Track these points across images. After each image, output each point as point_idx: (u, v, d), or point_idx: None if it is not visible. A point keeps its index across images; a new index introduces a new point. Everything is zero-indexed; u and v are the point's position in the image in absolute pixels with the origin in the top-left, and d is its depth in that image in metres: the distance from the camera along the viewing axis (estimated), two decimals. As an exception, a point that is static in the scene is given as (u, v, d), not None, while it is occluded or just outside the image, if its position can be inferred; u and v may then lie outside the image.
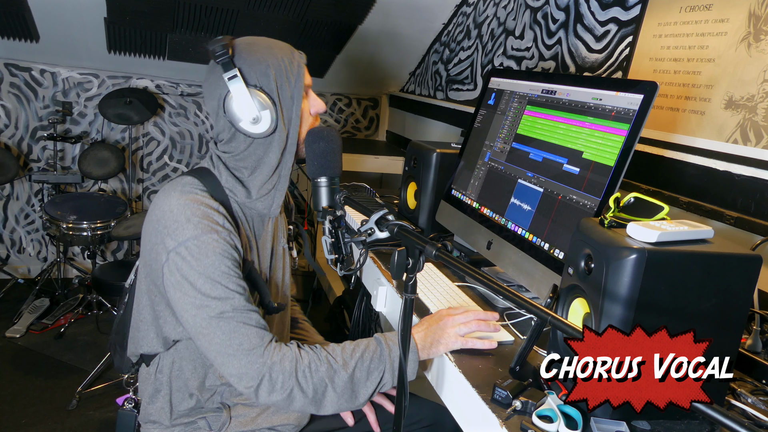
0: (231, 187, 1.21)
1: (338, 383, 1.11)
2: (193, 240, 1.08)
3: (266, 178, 1.22)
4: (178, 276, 1.08)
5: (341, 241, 1.10)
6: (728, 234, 1.40)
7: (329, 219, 1.11)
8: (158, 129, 3.79)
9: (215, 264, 1.08)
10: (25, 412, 2.47)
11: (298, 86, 1.20)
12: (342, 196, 1.13)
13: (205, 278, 1.07)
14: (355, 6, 3.04)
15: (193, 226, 1.08)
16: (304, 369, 1.10)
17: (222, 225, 1.12)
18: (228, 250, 1.11)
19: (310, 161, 1.15)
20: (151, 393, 1.27)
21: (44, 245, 3.76)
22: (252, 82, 1.15)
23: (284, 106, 1.19)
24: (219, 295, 1.07)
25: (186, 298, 1.08)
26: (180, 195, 1.12)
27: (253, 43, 1.20)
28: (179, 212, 1.09)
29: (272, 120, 1.16)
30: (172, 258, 1.08)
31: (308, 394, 1.09)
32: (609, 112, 1.19)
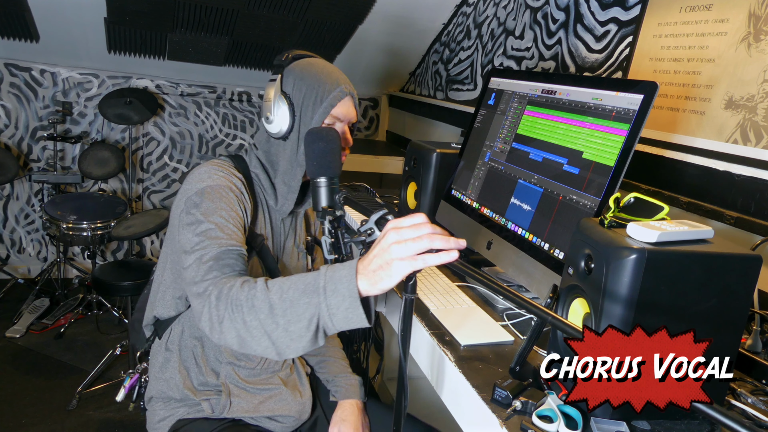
0: (258, 172, 1.33)
1: (258, 307, 0.97)
2: (208, 188, 1.19)
3: (283, 180, 1.31)
4: (185, 219, 1.16)
5: (341, 241, 1.10)
6: (728, 234, 1.40)
7: (329, 219, 1.11)
8: (158, 129, 3.79)
9: (216, 209, 1.17)
10: (25, 412, 2.47)
11: (324, 111, 1.27)
12: (341, 196, 1.13)
13: (202, 217, 1.15)
14: (355, 6, 3.04)
15: (212, 180, 1.21)
16: (232, 298, 1.00)
17: (238, 188, 1.24)
18: (235, 206, 1.21)
19: (309, 161, 1.16)
20: (161, 363, 1.33)
21: (44, 245, 3.77)
22: (285, 89, 1.28)
23: (303, 121, 1.27)
24: (208, 236, 1.13)
25: (187, 239, 1.14)
26: (209, 164, 1.27)
27: (312, 64, 1.33)
28: (204, 172, 1.23)
29: (285, 126, 1.27)
30: (187, 204, 1.18)
31: (238, 321, 0.98)
32: (609, 112, 1.19)
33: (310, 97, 1.27)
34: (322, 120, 1.27)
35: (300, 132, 1.28)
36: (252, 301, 0.98)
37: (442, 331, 1.21)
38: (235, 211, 1.20)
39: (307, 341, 0.96)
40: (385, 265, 0.89)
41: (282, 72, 1.30)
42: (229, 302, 1.00)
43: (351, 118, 1.32)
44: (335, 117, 1.29)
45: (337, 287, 0.92)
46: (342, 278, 0.92)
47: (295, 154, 1.29)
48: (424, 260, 0.88)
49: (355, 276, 0.92)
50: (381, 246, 0.90)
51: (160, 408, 1.33)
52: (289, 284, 0.98)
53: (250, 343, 0.99)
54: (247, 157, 1.37)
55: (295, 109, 1.27)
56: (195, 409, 1.30)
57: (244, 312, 0.98)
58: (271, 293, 0.97)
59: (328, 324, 0.94)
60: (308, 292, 0.94)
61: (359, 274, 0.92)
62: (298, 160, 1.29)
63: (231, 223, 1.17)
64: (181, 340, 1.32)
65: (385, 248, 0.89)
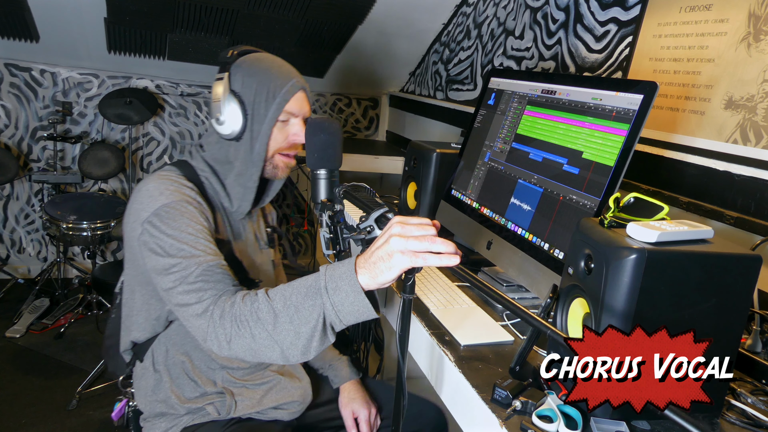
0: (207, 175, 1.27)
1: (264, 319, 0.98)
2: (164, 207, 1.13)
3: (236, 182, 1.27)
4: (150, 243, 1.11)
5: (339, 236, 1.10)
6: (728, 234, 1.40)
7: (328, 214, 1.11)
8: (158, 129, 3.79)
9: (182, 227, 1.12)
10: (25, 412, 2.47)
11: (277, 107, 1.23)
12: (341, 190, 1.13)
13: (172, 240, 1.10)
14: (355, 6, 3.04)
15: (164, 197, 1.15)
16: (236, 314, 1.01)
17: (194, 198, 1.19)
18: (198, 217, 1.16)
19: (310, 152, 1.15)
20: (152, 386, 1.29)
21: (44, 245, 3.76)
22: (234, 88, 1.23)
23: (256, 120, 1.23)
24: (184, 255, 1.09)
25: (156, 263, 1.11)
26: (156, 178, 1.20)
27: (260, 59, 1.27)
28: (154, 189, 1.16)
29: (237, 126, 1.22)
30: (146, 228, 1.12)
31: (246, 336, 0.99)
32: (609, 112, 1.19)
33: (262, 94, 1.22)
34: (276, 117, 1.23)
35: (253, 131, 1.23)
36: (257, 314, 0.99)
37: (442, 331, 1.21)
38: (200, 223, 1.15)
39: (317, 341, 0.97)
40: (386, 256, 0.89)
41: (229, 70, 1.24)
42: (234, 319, 1.00)
43: (305, 112, 1.29)
44: (289, 113, 1.25)
45: (339, 284, 0.93)
46: (342, 275, 0.93)
47: (250, 154, 1.25)
48: (425, 258, 0.88)
49: (355, 271, 0.92)
50: (384, 238, 0.91)
51: (160, 422, 1.30)
52: (290, 290, 0.98)
53: (262, 354, 1.01)
54: (193, 161, 1.30)
55: (246, 108, 1.22)
56: (199, 414, 1.29)
57: (251, 326, 0.99)
58: (274, 302, 0.98)
59: (335, 320, 0.95)
60: (311, 295, 0.95)
61: (359, 268, 0.93)
62: (253, 160, 1.25)
63: (201, 237, 1.13)
64: (168, 359, 1.28)
65: (387, 240, 0.90)
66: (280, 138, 1.27)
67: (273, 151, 1.27)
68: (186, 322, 1.08)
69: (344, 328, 0.98)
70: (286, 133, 1.27)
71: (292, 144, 1.29)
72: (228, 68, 1.24)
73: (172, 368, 1.29)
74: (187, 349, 1.28)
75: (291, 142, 1.28)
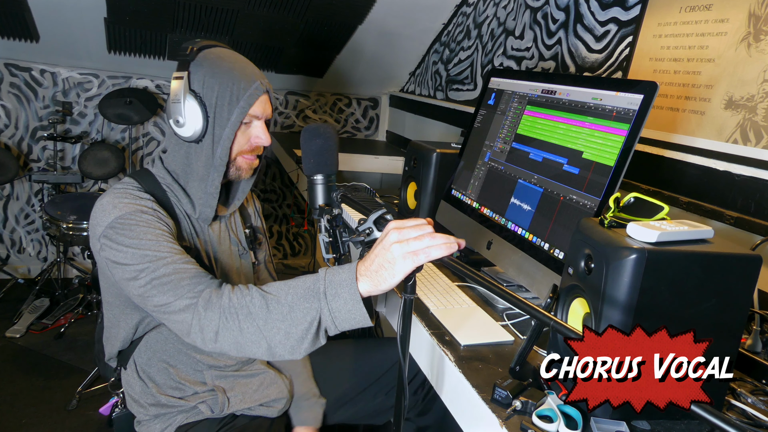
0: (169, 184, 1.24)
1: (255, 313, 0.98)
2: (117, 220, 1.11)
3: (198, 187, 1.23)
4: (112, 256, 1.10)
5: (339, 240, 1.10)
6: (728, 234, 1.40)
7: (326, 218, 1.11)
8: (158, 129, 3.79)
9: (140, 235, 1.10)
10: (25, 412, 2.47)
11: (241, 111, 1.19)
12: (339, 194, 1.13)
13: (133, 250, 1.08)
14: (355, 6, 3.04)
15: (117, 210, 1.13)
16: (224, 306, 1.00)
17: (150, 207, 1.16)
18: (155, 222, 1.13)
19: (306, 158, 1.15)
20: (140, 392, 1.29)
21: (44, 245, 3.76)
22: (194, 88, 1.18)
23: (217, 123, 1.19)
24: (150, 259, 1.07)
25: (123, 274, 1.09)
26: (110, 192, 1.19)
27: (222, 57, 1.22)
28: (107, 203, 1.15)
29: (197, 129, 1.18)
30: (103, 243, 1.11)
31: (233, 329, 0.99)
32: (609, 112, 1.19)
33: (224, 97, 1.18)
34: (240, 120, 1.20)
35: (215, 134, 1.19)
36: (248, 307, 0.97)
37: (442, 331, 1.21)
38: (158, 228, 1.12)
39: (309, 342, 0.97)
40: (387, 264, 0.89)
41: (188, 68, 1.19)
42: (222, 311, 0.99)
43: (267, 115, 1.26)
44: (253, 116, 1.22)
45: (338, 291, 0.93)
46: (342, 282, 0.93)
47: (211, 157, 1.21)
48: (427, 254, 0.88)
49: (356, 278, 0.92)
50: (383, 245, 0.91)
51: (155, 423, 1.29)
52: (287, 289, 0.98)
53: (248, 349, 0.99)
54: (153, 168, 1.27)
55: (208, 110, 1.18)
56: (193, 413, 1.28)
57: (240, 319, 0.97)
58: (268, 299, 0.97)
59: (330, 326, 0.95)
60: (308, 297, 0.95)
61: (360, 276, 0.92)
62: (214, 163, 1.21)
63: (163, 240, 1.10)
64: (151, 367, 1.27)
65: (387, 247, 0.90)
66: (243, 141, 1.24)
67: (235, 153, 1.24)
68: (167, 321, 1.07)
69: (338, 333, 0.97)
70: (248, 136, 1.24)
71: (254, 147, 1.26)
72: (187, 66, 1.19)
73: (156, 375, 1.28)
74: (168, 356, 1.27)
75: (253, 144, 1.26)
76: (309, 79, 3.84)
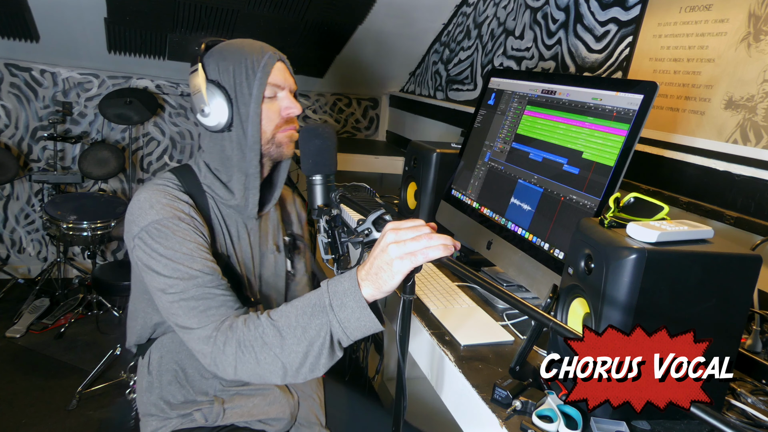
0: (210, 183, 1.22)
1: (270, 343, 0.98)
2: (154, 224, 1.10)
3: (239, 177, 1.21)
4: (144, 260, 1.10)
5: (338, 240, 1.10)
6: (728, 234, 1.40)
7: (325, 218, 1.10)
8: (158, 129, 3.79)
9: (176, 246, 1.09)
10: (25, 412, 2.47)
11: (260, 83, 1.16)
12: (338, 194, 1.12)
13: (166, 260, 1.08)
14: (355, 6, 3.04)
15: (155, 211, 1.11)
16: (240, 340, 1.01)
17: (187, 213, 1.15)
18: (191, 234, 1.12)
19: (304, 159, 1.14)
20: (145, 387, 1.30)
21: (44, 245, 3.76)
22: (212, 77, 1.18)
23: (241, 102, 1.17)
24: (181, 275, 1.07)
25: (153, 281, 1.09)
26: (150, 187, 1.16)
27: (229, 43, 1.22)
28: (145, 201, 1.13)
29: (224, 114, 1.17)
30: (137, 243, 1.11)
31: (250, 362, 1.00)
32: (609, 112, 1.19)
33: (241, 74, 1.16)
34: (262, 92, 1.17)
35: (241, 114, 1.17)
36: (262, 338, 0.99)
37: (442, 331, 1.21)
38: (194, 240, 1.11)
39: (326, 358, 0.98)
40: (386, 265, 0.90)
41: (201, 61, 1.19)
42: (238, 344, 1.00)
43: (291, 84, 1.22)
44: (275, 86, 1.19)
45: (344, 301, 0.93)
46: (346, 291, 0.93)
47: (244, 139, 1.18)
48: (424, 254, 0.88)
49: (358, 285, 0.93)
50: (380, 247, 0.91)
51: (152, 420, 1.30)
52: (294, 311, 0.98)
53: (267, 377, 1.01)
54: (195, 167, 1.24)
55: (229, 93, 1.16)
56: (188, 419, 1.28)
57: (256, 351, 0.99)
58: (279, 325, 0.98)
59: (342, 337, 0.96)
60: (317, 314, 0.95)
61: (362, 281, 0.93)
62: (249, 144, 1.18)
63: (197, 255, 1.10)
64: (161, 366, 1.28)
65: (384, 249, 0.90)
66: (273, 116, 1.20)
67: (271, 131, 1.21)
68: (189, 344, 1.08)
69: (351, 342, 0.98)
70: (277, 109, 1.21)
71: (287, 118, 1.22)
72: (200, 60, 1.19)
73: (164, 374, 1.28)
74: (181, 358, 1.27)
75: (285, 116, 1.22)
76: (309, 79, 3.84)
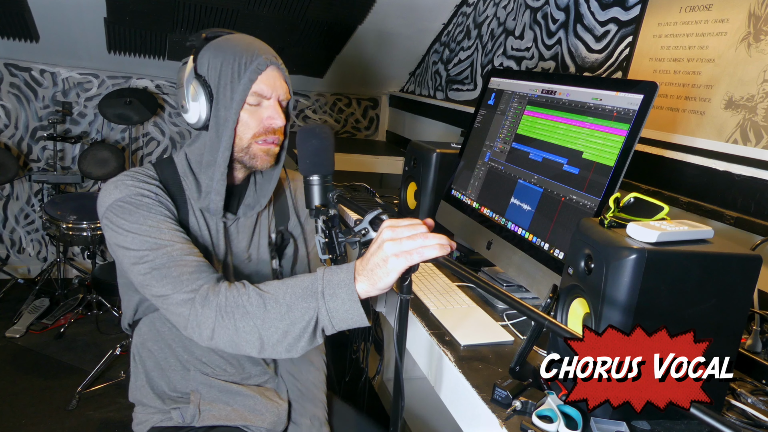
0: (183, 173, 1.21)
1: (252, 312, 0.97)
2: (117, 202, 1.10)
3: (206, 179, 1.19)
4: (113, 238, 1.10)
5: (335, 240, 1.10)
6: (728, 234, 1.40)
7: (322, 218, 1.10)
8: (158, 129, 3.79)
9: (140, 220, 1.09)
10: (25, 412, 2.47)
11: (244, 88, 1.12)
12: (335, 194, 1.12)
13: (133, 235, 1.08)
14: (355, 6, 3.04)
15: (119, 191, 1.12)
16: (221, 304, 0.99)
17: (153, 192, 1.14)
18: (157, 207, 1.12)
19: (302, 159, 1.13)
20: (133, 372, 1.31)
21: (44, 245, 3.76)
22: (200, 71, 1.15)
23: (222, 105, 1.13)
24: (150, 246, 1.06)
25: (124, 258, 1.09)
26: (119, 174, 1.17)
27: (227, 39, 1.18)
28: (110, 183, 1.14)
29: (204, 113, 1.14)
30: (105, 224, 1.11)
31: (229, 327, 0.98)
32: (609, 112, 1.19)
33: (227, 75, 1.11)
34: (243, 99, 1.12)
35: (219, 116, 1.13)
36: (244, 306, 0.97)
37: (441, 331, 1.21)
38: (159, 214, 1.10)
39: (305, 342, 0.96)
40: (382, 262, 0.90)
41: (195, 53, 1.15)
42: (219, 309, 0.98)
43: (280, 92, 1.16)
44: (259, 94, 1.14)
45: (336, 291, 0.93)
46: (341, 282, 0.93)
47: (217, 142, 1.14)
48: (420, 254, 0.88)
49: (354, 278, 0.92)
50: (377, 244, 0.91)
51: (139, 411, 1.31)
52: (284, 288, 0.97)
53: (243, 347, 0.99)
54: (177, 157, 1.22)
55: (212, 92, 1.12)
56: (167, 416, 1.28)
57: (236, 318, 0.97)
58: (266, 297, 0.97)
59: (327, 325, 0.95)
60: (306, 296, 0.94)
61: (358, 276, 0.93)
62: (220, 147, 1.14)
63: (164, 227, 1.09)
64: (143, 350, 1.27)
65: (381, 246, 0.90)
66: (253, 123, 1.15)
67: (247, 139, 1.16)
68: (166, 312, 1.07)
69: (335, 332, 0.97)
70: (259, 117, 1.16)
71: (267, 128, 1.17)
72: (194, 53, 1.16)
73: (146, 360, 1.28)
74: (160, 346, 1.26)
75: (266, 125, 1.16)
76: (309, 79, 3.84)
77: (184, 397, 1.28)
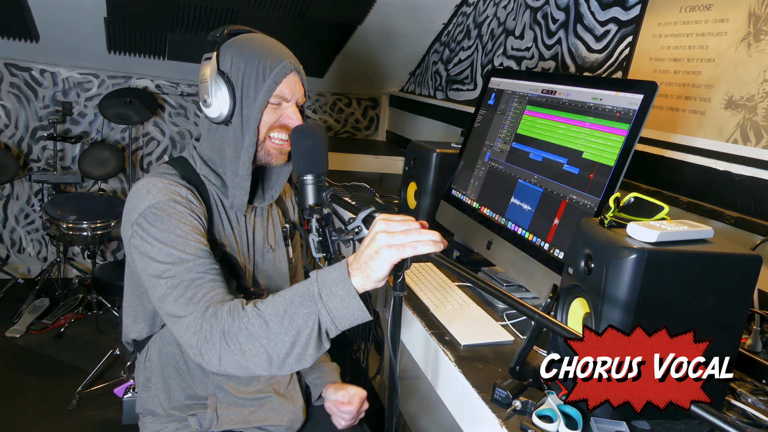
0: (206, 174, 1.23)
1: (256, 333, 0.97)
2: (151, 208, 1.10)
3: (232, 171, 1.21)
4: (141, 246, 1.09)
5: (329, 239, 1.10)
6: (728, 234, 1.40)
7: (316, 217, 1.11)
8: (158, 129, 3.79)
9: (170, 229, 1.08)
10: (25, 412, 2.47)
11: (268, 90, 1.16)
12: (329, 193, 1.12)
13: (161, 245, 1.07)
14: (355, 6, 3.04)
15: (152, 196, 1.11)
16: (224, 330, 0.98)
17: (184, 196, 1.14)
18: (187, 216, 1.12)
19: (295, 159, 1.14)
20: (143, 382, 1.29)
21: (44, 245, 3.76)
22: (223, 68, 1.17)
23: (245, 103, 1.17)
24: (174, 260, 1.06)
25: (148, 268, 1.08)
26: (148, 176, 1.17)
27: (251, 38, 1.21)
28: (142, 187, 1.13)
29: (225, 109, 1.17)
30: (135, 230, 1.10)
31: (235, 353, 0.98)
32: (609, 112, 1.19)
33: (251, 75, 1.16)
34: (267, 99, 1.17)
35: (243, 114, 1.18)
36: (247, 329, 0.97)
37: (441, 331, 1.21)
38: (188, 223, 1.11)
39: (313, 349, 0.96)
40: (374, 254, 0.90)
41: (218, 49, 1.18)
42: (222, 335, 0.98)
43: (298, 96, 1.22)
44: (281, 96, 1.19)
45: (333, 290, 0.92)
46: (336, 280, 0.92)
47: (240, 138, 1.18)
48: (413, 247, 0.88)
49: (348, 274, 0.92)
50: (370, 236, 0.91)
51: (150, 422, 1.30)
52: (282, 301, 0.97)
53: (253, 369, 0.99)
54: (191, 159, 1.25)
55: (235, 90, 1.16)
56: (183, 424, 1.27)
57: (241, 342, 0.97)
58: (265, 314, 0.96)
59: (330, 327, 0.94)
60: (305, 303, 0.94)
61: (352, 270, 0.92)
62: (244, 145, 1.18)
63: (190, 239, 1.09)
64: (161, 358, 1.26)
65: (374, 237, 0.90)
66: (271, 119, 1.21)
67: (264, 133, 1.21)
68: (177, 335, 1.06)
69: (339, 333, 0.97)
70: (278, 116, 1.21)
71: (283, 125, 1.22)
72: (217, 48, 1.19)
73: (165, 367, 1.27)
74: (181, 350, 1.25)
75: (283, 122, 1.22)
76: (309, 79, 3.83)
77: (201, 403, 1.27)
